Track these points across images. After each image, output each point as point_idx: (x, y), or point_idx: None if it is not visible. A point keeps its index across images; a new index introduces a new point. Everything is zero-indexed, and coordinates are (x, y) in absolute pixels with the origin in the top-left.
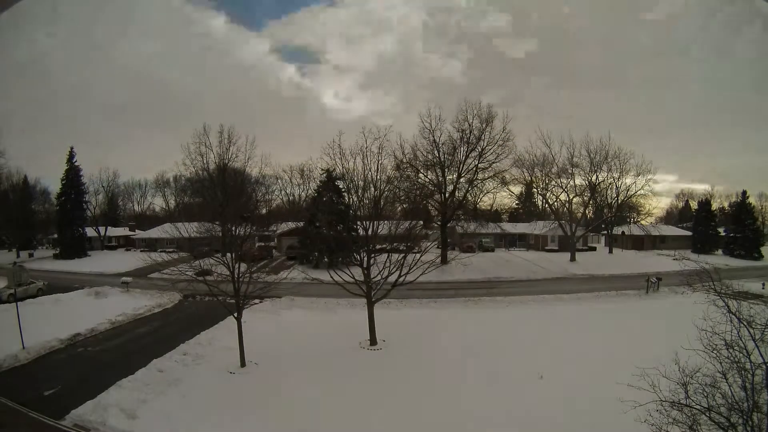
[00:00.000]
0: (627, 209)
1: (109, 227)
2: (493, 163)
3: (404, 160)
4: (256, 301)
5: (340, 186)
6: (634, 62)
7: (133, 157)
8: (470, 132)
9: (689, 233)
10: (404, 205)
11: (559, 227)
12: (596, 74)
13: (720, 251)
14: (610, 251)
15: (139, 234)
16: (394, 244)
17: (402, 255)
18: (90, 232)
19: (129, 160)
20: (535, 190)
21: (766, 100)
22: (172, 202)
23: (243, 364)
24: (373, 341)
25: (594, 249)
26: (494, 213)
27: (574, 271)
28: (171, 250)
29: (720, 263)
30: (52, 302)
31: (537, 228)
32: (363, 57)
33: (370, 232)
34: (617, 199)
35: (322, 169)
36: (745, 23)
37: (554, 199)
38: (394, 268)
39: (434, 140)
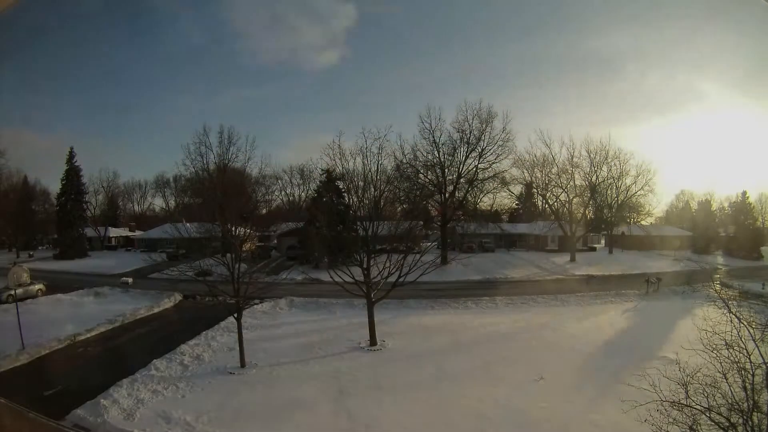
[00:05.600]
0: (627, 209)
1: (109, 227)
2: (493, 163)
3: (404, 161)
4: (256, 301)
5: (340, 186)
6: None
7: (133, 157)
8: (470, 132)
9: (689, 233)
10: (404, 206)
11: (559, 227)
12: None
13: (720, 252)
14: (610, 251)
15: (139, 234)
16: (394, 244)
17: (402, 255)
18: (90, 232)
19: (129, 160)
20: (535, 190)
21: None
22: (172, 203)
23: (243, 364)
24: (373, 341)
25: (594, 249)
26: (494, 213)
27: (574, 272)
28: (171, 250)
29: (720, 264)
30: (52, 302)
31: (537, 228)
32: None
33: (370, 232)
34: (617, 200)
35: (322, 170)
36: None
37: (554, 200)
38: (394, 269)
39: (434, 140)
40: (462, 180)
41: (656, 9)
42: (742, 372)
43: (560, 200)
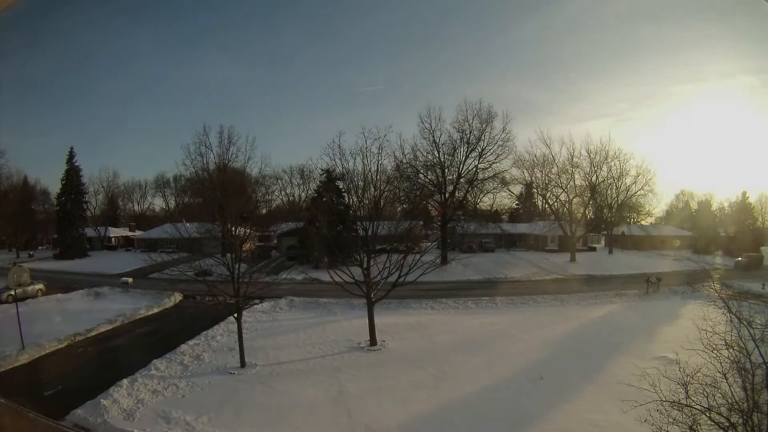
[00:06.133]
0: (627, 209)
1: (109, 227)
2: (493, 163)
3: (404, 161)
4: (256, 301)
5: (340, 186)
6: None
7: (133, 157)
8: (470, 132)
9: (689, 233)
10: (404, 206)
11: (559, 227)
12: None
13: (720, 252)
14: (610, 251)
15: (139, 234)
16: (394, 244)
17: (402, 255)
18: (90, 232)
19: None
20: (535, 190)
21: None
22: (172, 202)
23: (243, 364)
24: (372, 341)
25: (594, 249)
26: (494, 213)
27: (574, 272)
28: (171, 250)
29: (720, 264)
30: (52, 302)
31: (537, 228)
32: None
33: (370, 232)
34: (617, 200)
35: (322, 170)
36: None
37: (554, 200)
38: (394, 269)
39: (434, 140)
40: (462, 180)
41: (656, 9)
42: (742, 372)
43: (560, 200)
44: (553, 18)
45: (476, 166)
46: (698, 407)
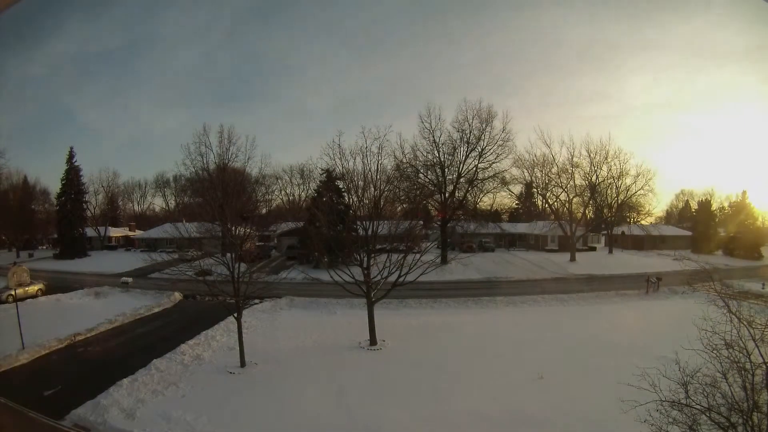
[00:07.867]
0: (627, 209)
1: (109, 227)
2: (493, 163)
3: (404, 160)
4: (256, 301)
5: (340, 186)
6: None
7: (133, 157)
8: (470, 132)
9: (689, 233)
10: (404, 205)
11: (559, 227)
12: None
13: (720, 251)
14: (610, 251)
15: (139, 234)
16: (394, 244)
17: (402, 255)
18: (90, 232)
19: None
20: (535, 190)
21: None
22: (172, 202)
23: (243, 364)
24: (372, 341)
25: (594, 249)
26: (494, 213)
27: (574, 271)
28: (171, 250)
29: (720, 263)
30: (52, 302)
31: (537, 228)
32: None
33: (370, 232)
34: (617, 199)
35: (322, 169)
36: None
37: (554, 199)
38: (394, 268)
39: (434, 140)
40: (462, 180)
41: (656, 8)
42: (742, 372)
43: (560, 200)
44: (555, 15)
45: (476, 166)
46: (698, 407)
